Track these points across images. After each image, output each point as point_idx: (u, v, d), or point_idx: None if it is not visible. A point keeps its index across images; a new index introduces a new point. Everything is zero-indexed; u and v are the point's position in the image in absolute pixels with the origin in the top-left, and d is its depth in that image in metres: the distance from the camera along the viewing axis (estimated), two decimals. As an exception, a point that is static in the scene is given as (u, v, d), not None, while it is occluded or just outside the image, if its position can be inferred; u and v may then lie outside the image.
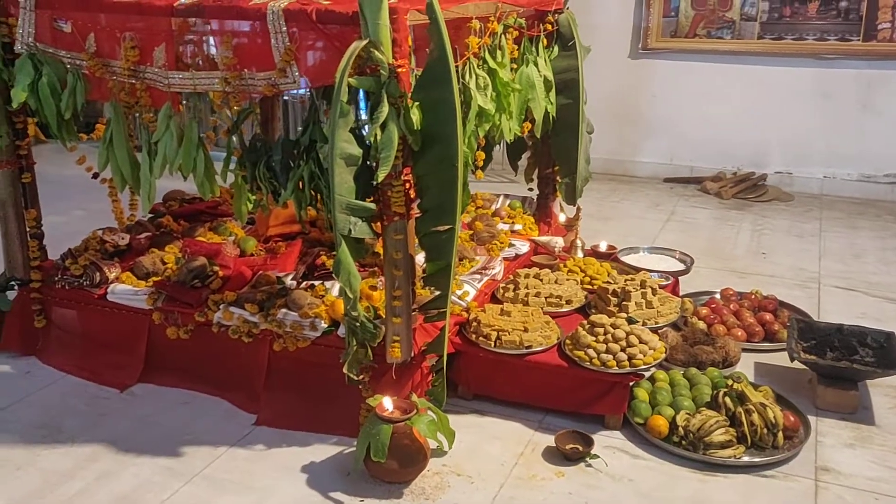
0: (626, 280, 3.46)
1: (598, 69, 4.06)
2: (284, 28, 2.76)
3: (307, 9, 2.73)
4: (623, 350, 2.98)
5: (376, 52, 2.57)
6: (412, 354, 2.89)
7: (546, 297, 3.45)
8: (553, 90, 3.88)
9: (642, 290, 3.36)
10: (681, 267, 4.08)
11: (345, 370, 2.81)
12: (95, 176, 3.37)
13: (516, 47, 3.57)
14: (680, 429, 2.89)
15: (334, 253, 3.63)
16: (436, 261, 2.82)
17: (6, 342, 3.56)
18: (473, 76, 3.10)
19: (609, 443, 2.95)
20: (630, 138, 6.86)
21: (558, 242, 4.13)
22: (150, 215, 4.25)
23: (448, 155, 2.66)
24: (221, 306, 3.13)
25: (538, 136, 3.91)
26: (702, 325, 3.69)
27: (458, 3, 3.07)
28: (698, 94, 6.55)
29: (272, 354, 3.11)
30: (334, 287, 3.28)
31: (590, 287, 3.68)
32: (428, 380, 2.98)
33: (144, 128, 3.07)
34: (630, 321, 3.13)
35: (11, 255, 3.47)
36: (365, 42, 2.56)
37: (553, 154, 4.25)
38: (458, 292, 3.32)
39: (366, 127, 2.71)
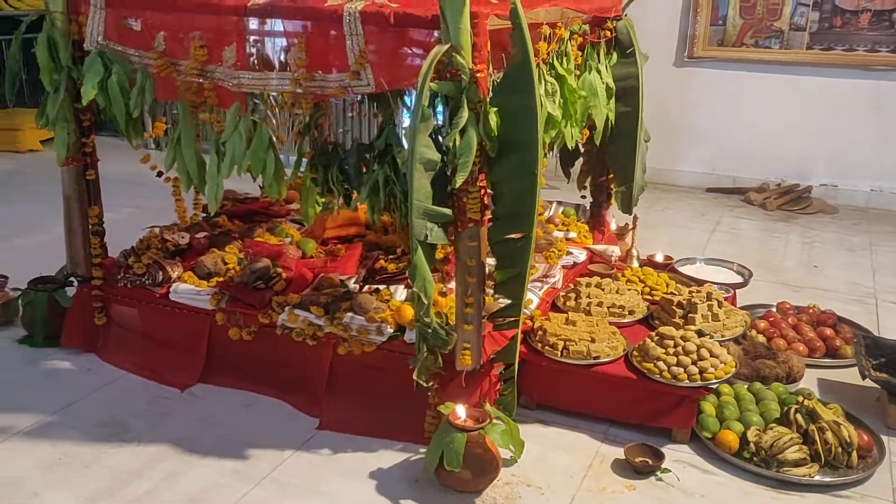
0: (690, 292, 3.41)
1: (643, 77, 4.08)
2: (361, 30, 2.75)
3: (384, 11, 2.71)
4: (694, 363, 2.94)
5: (458, 57, 2.55)
6: (481, 362, 2.86)
7: (608, 307, 3.41)
8: (613, 97, 3.85)
9: (708, 302, 3.31)
10: (739, 279, 4.03)
11: (414, 376, 2.78)
12: (160, 175, 3.37)
13: (580, 54, 3.55)
14: (751, 445, 2.84)
15: (391, 257, 3.66)
16: (508, 268, 2.78)
17: (67, 338, 3.56)
18: (543, 82, 3.08)
19: (678, 457, 2.91)
20: (673, 147, 6.79)
21: (615, 251, 4.09)
22: (204, 214, 4.26)
23: (527, 162, 2.63)
24: (286, 308, 3.11)
25: (597, 144, 3.88)
26: (761, 338, 3.63)
27: (529, 8, 3.04)
28: (744, 104, 6.48)
29: (335, 358, 3.09)
30: (397, 291, 3.27)
31: (650, 298, 3.64)
32: (496, 388, 2.95)
33: (212, 127, 3.07)
34: (700, 334, 3.08)
35: (74, 251, 3.48)
36: (447, 46, 2.53)
37: (609, 162, 4.21)
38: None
39: (441, 131, 2.69)
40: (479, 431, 2.60)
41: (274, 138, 2.99)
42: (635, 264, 4.09)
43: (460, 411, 2.67)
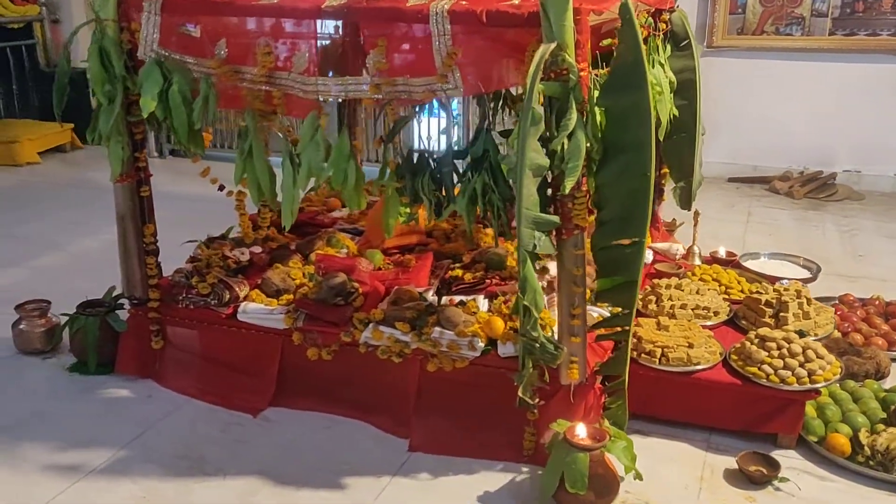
0: (775, 289, 3.30)
1: (699, 68, 4.01)
2: (449, 30, 2.59)
3: (476, 9, 2.56)
4: (801, 365, 2.84)
5: (566, 56, 2.41)
6: (587, 375, 2.73)
7: (692, 309, 3.29)
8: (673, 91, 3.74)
9: (798, 300, 3.21)
10: (806, 274, 3.93)
11: (519, 393, 2.64)
12: (222, 188, 3.19)
13: (645, 48, 3.42)
14: (866, 448, 2.75)
15: (456, 265, 3.51)
16: (613, 276, 2.65)
17: (122, 364, 3.37)
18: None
19: (788, 463, 2.80)
20: (693, 138, 6.71)
21: (678, 249, 3.98)
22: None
23: (639, 163, 2.50)
24: (370, 325, 2.95)
25: (661, 139, 3.76)
26: (836, 334, 3.54)
27: (613, 3, 2.91)
28: (765, 92, 6.41)
29: (422, 375, 2.94)
30: (478, 301, 3.12)
31: (727, 297, 3.53)
32: (601, 401, 2.82)
33: (284, 137, 2.90)
34: (801, 334, 2.98)
35: (130, 272, 3.27)
36: (553, 45, 2.39)
37: (665, 157, 4.09)
38: (608, 306, 3.16)
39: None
40: (601, 449, 2.48)
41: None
42: (697, 261, 3.99)
43: (580, 429, 2.53)
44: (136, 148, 3.17)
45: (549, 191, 2.57)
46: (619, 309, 2.68)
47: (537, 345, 2.57)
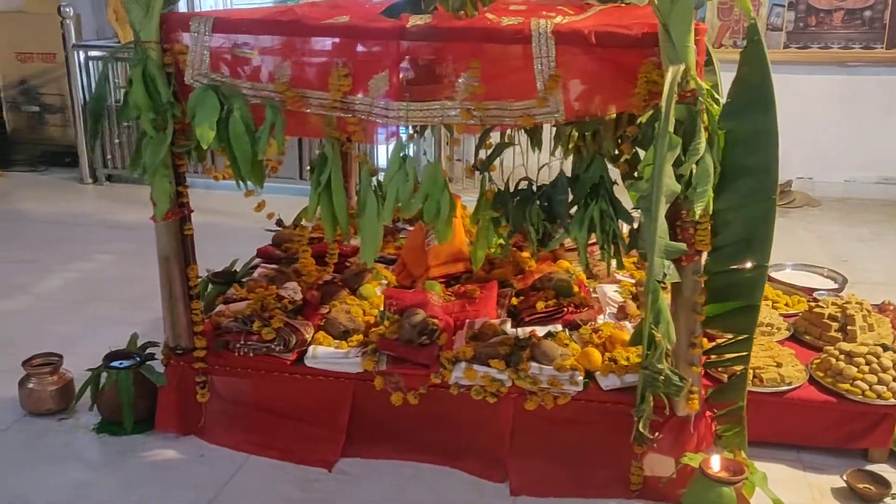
0: (834, 303, 3.33)
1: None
2: (553, 51, 2.47)
3: (583, 30, 2.45)
4: (895, 379, 2.86)
5: (695, 78, 2.33)
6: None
7: (758, 326, 3.27)
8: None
9: (862, 312, 3.25)
10: (833, 285, 4.01)
11: (640, 427, 2.53)
12: (280, 224, 2.94)
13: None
14: (959, 456, 2.80)
15: (511, 290, 3.36)
16: (729, 301, 2.59)
17: (162, 422, 3.03)
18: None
19: (887, 477, 2.81)
20: (653, 149, 6.81)
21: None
22: (258, 260, 3.80)
23: (764, 187, 2.47)
24: (462, 364, 2.77)
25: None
26: (870, 341, 3.61)
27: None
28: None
29: (516, 414, 2.78)
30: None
31: (775, 311, 3.55)
32: (712, 430, 2.74)
33: (366, 166, 2.69)
34: (884, 348, 3.01)
35: (175, 319, 2.94)
36: (682, 67, 2.31)
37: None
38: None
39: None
40: (745, 482, 2.40)
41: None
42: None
43: (715, 462, 2.45)
44: (178, 181, 2.87)
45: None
46: (731, 335, 2.63)
47: (661, 377, 2.48)
